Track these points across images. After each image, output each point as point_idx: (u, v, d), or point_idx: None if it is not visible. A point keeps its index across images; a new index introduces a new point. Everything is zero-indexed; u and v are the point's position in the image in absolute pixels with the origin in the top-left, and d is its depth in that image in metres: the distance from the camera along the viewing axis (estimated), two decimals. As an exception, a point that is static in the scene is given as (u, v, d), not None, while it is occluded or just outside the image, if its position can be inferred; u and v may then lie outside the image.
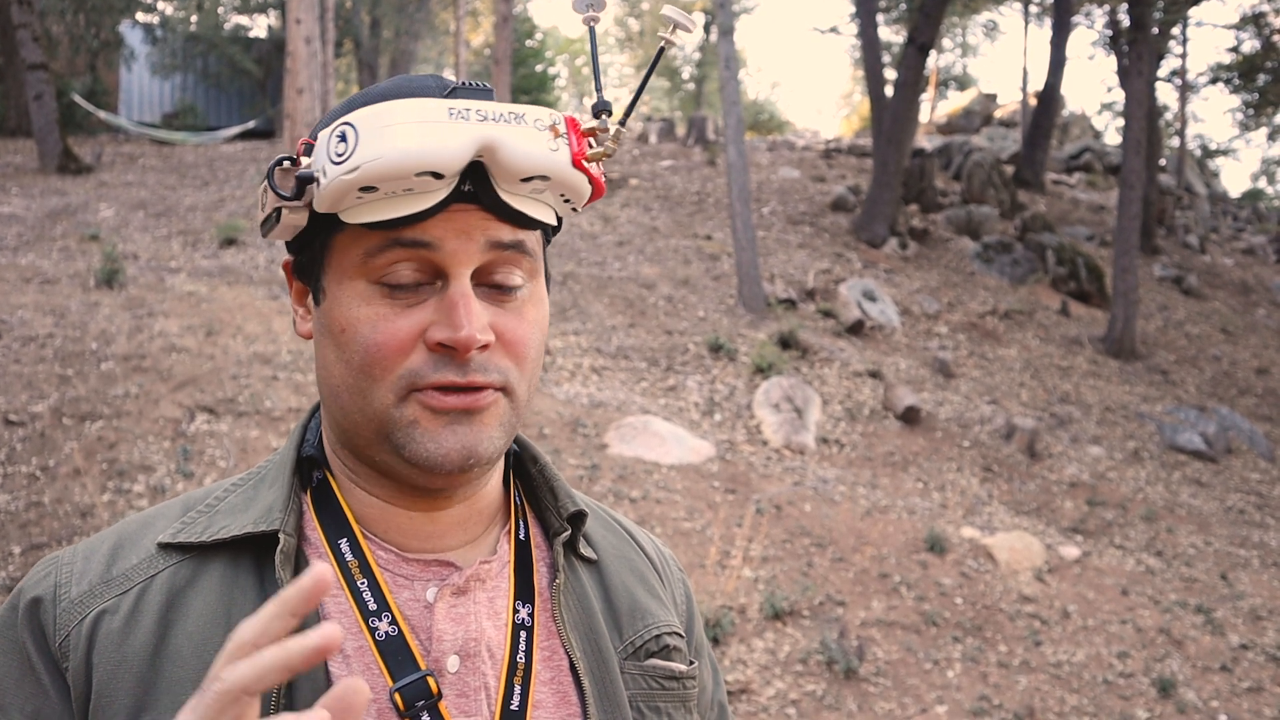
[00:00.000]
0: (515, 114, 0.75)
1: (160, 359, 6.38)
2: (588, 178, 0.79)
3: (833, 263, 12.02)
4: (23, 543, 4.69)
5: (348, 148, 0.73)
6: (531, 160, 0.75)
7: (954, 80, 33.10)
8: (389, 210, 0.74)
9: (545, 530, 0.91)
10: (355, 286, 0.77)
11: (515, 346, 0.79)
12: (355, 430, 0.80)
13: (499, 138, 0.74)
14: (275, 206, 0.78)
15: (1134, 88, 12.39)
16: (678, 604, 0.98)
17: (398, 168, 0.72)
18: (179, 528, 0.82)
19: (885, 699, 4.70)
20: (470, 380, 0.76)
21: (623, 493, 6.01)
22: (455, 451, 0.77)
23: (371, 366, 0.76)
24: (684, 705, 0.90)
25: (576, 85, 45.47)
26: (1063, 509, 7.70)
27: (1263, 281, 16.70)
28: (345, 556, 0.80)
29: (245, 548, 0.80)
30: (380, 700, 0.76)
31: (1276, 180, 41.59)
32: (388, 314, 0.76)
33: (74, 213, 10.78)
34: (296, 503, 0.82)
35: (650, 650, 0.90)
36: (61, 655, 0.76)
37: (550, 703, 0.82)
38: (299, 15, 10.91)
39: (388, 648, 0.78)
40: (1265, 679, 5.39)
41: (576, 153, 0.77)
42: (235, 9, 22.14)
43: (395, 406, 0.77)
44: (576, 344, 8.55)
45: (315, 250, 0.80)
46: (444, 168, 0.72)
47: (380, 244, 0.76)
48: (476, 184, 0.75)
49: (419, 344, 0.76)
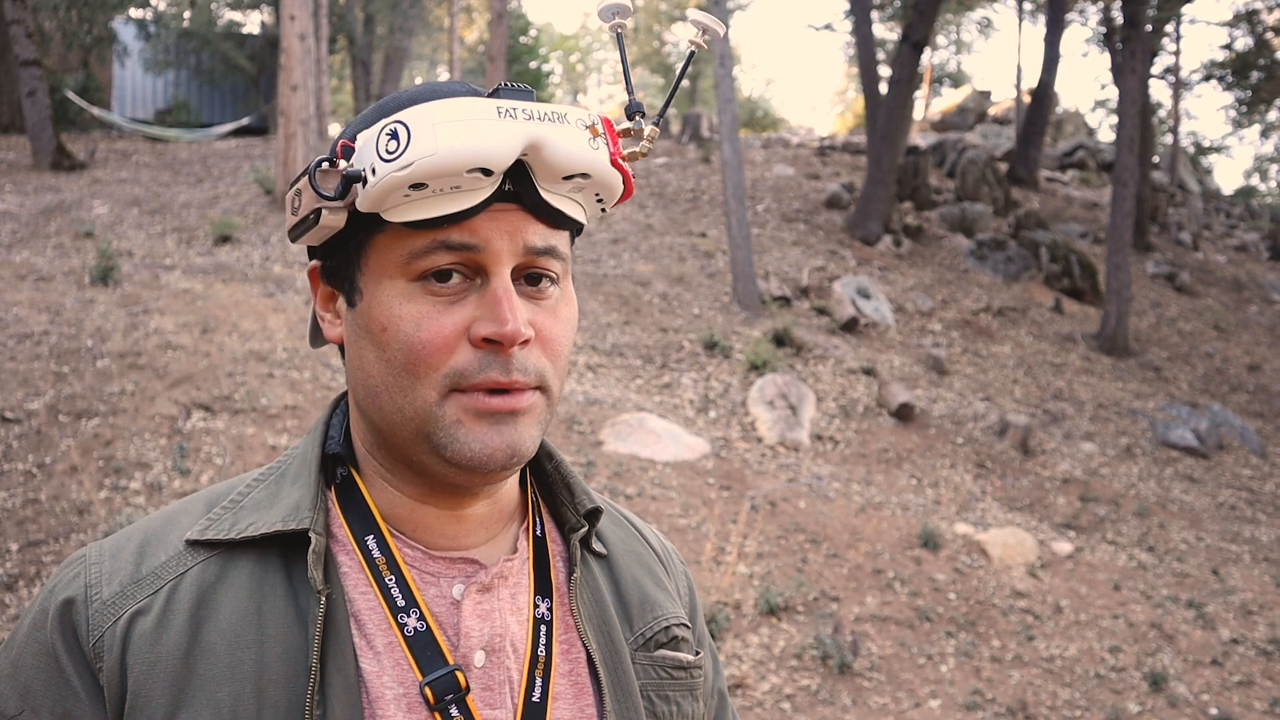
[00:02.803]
0: (559, 114, 0.77)
1: (156, 356, 6.38)
2: (622, 176, 0.82)
3: (827, 260, 12.05)
4: (20, 540, 4.69)
5: (399, 145, 0.74)
6: (575, 158, 0.77)
7: (948, 77, 33.13)
8: (434, 208, 0.75)
9: (559, 525, 0.93)
10: (396, 285, 0.78)
11: (551, 344, 0.81)
12: (393, 431, 0.81)
13: (546, 135, 0.76)
14: (315, 207, 0.78)
15: (1127, 85, 12.43)
16: (682, 596, 1.00)
17: (452, 164, 0.73)
18: (205, 524, 0.83)
19: (879, 693, 4.73)
20: (513, 380, 0.77)
21: (618, 490, 6.03)
22: (500, 450, 0.78)
23: (416, 364, 0.77)
24: (691, 694, 0.92)
25: (571, 82, 45.39)
26: (1055, 505, 7.74)
27: (1255, 278, 16.77)
28: (373, 553, 0.82)
29: (272, 544, 0.81)
30: (410, 694, 0.78)
31: (1269, 177, 41.75)
32: (430, 312, 0.77)
33: (68, 210, 10.76)
34: (323, 500, 0.83)
35: (659, 641, 0.92)
36: (95, 656, 0.77)
37: (569, 694, 0.84)
38: (293, 11, 10.89)
39: (417, 643, 0.79)
40: (1256, 673, 5.43)
41: (614, 152, 0.80)
42: (229, 5, 22.08)
43: (438, 405, 0.78)
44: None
45: (350, 252, 0.81)
46: (495, 164, 0.74)
47: (426, 246, 0.77)
48: (517, 183, 0.77)
49: (463, 341, 0.77)
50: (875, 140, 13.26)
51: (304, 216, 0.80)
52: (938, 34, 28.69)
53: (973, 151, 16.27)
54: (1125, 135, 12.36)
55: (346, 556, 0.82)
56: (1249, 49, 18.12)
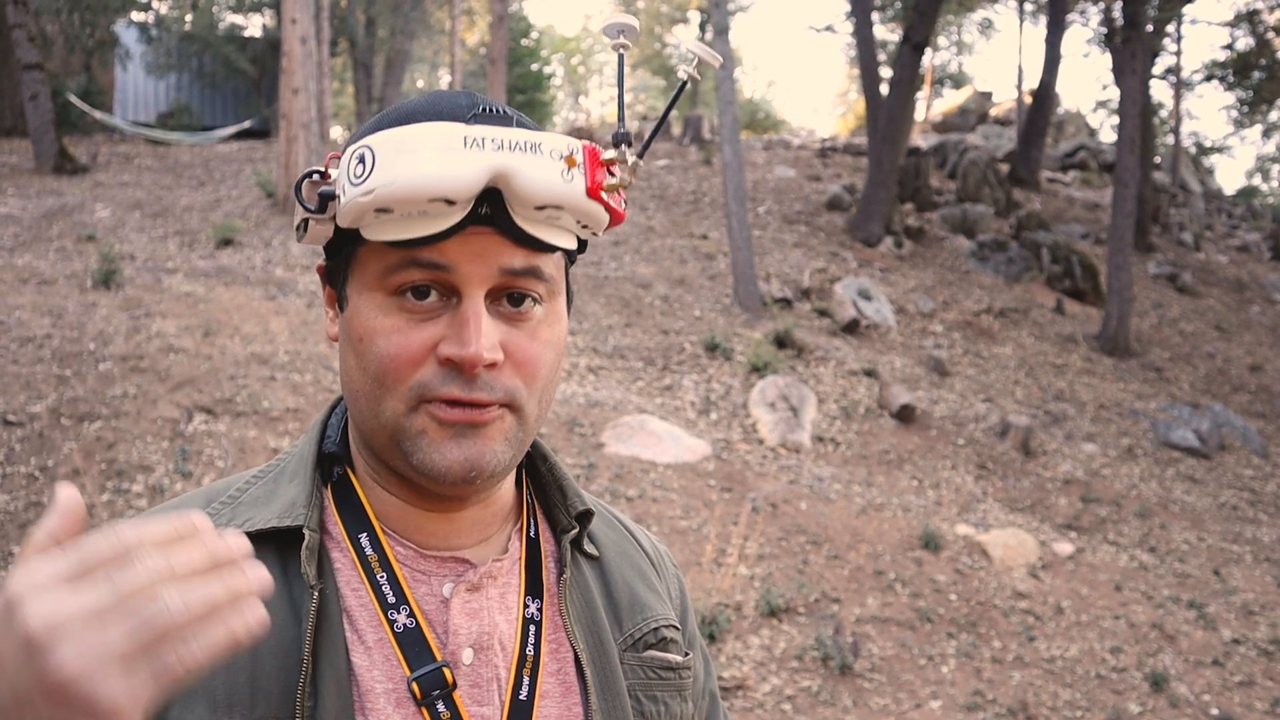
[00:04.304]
0: (532, 144, 0.76)
1: (158, 359, 6.40)
2: (604, 207, 0.80)
3: (828, 262, 12.06)
4: (22, 542, 4.70)
5: (365, 170, 0.75)
6: (544, 190, 0.76)
7: (949, 79, 33.13)
8: (406, 230, 0.76)
9: (553, 526, 0.94)
10: (374, 298, 0.80)
11: (525, 366, 0.81)
12: (372, 434, 0.83)
13: (513, 167, 0.75)
14: (303, 218, 0.82)
15: (1128, 85, 12.43)
16: (673, 598, 1.02)
17: (410, 194, 0.74)
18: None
19: (880, 694, 4.73)
20: (474, 397, 0.78)
21: (619, 491, 6.04)
22: (458, 464, 0.79)
23: (384, 376, 0.79)
24: (680, 694, 0.94)
25: (572, 84, 45.42)
26: (1057, 506, 7.74)
27: (1257, 279, 16.76)
28: (365, 550, 0.84)
29: (268, 540, 0.82)
30: (399, 688, 0.79)
31: (1271, 177, 41.70)
32: (402, 327, 0.79)
33: (70, 213, 10.79)
34: (319, 498, 0.85)
35: (648, 642, 0.93)
36: None
37: (556, 693, 0.85)
38: (294, 15, 10.92)
39: (406, 639, 0.81)
40: (1257, 673, 5.43)
41: (593, 185, 0.78)
42: (230, 8, 22.12)
43: (405, 416, 0.79)
44: (573, 344, 8.57)
45: (341, 260, 0.84)
46: (455, 195, 0.74)
47: (399, 262, 0.78)
48: (493, 208, 0.77)
49: (430, 357, 0.79)
50: (876, 142, 13.26)
51: (297, 223, 0.83)
52: (939, 35, 28.70)
53: (974, 153, 16.28)
54: (1126, 136, 12.36)
55: (340, 553, 0.84)
56: (1250, 49, 18.11)
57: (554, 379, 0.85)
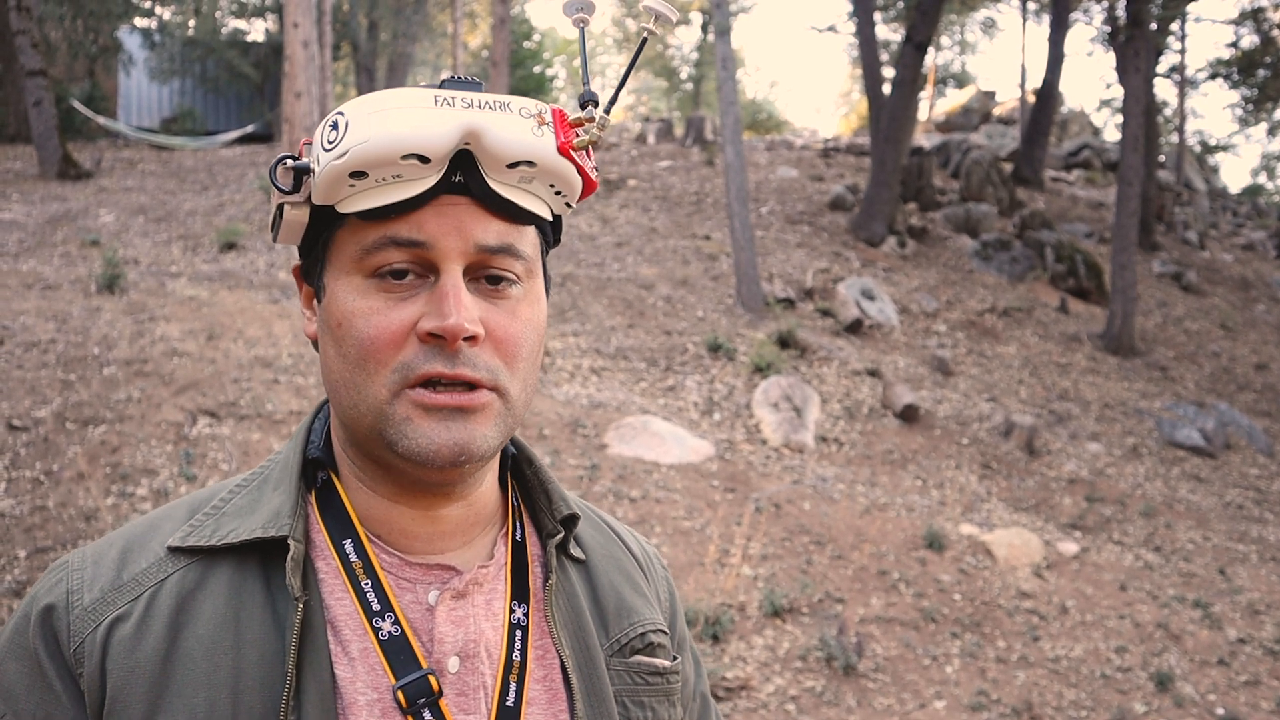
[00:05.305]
0: (501, 102, 0.77)
1: (162, 363, 6.41)
2: (576, 168, 0.80)
3: (831, 262, 12.05)
4: (27, 546, 4.72)
5: (338, 134, 0.76)
6: (515, 145, 0.77)
7: (952, 78, 33.10)
8: (379, 198, 0.77)
9: (539, 531, 0.93)
10: (352, 281, 0.80)
11: (505, 344, 0.81)
12: (355, 425, 0.82)
13: (484, 123, 0.76)
14: (278, 203, 0.81)
15: (1132, 84, 12.41)
16: (661, 601, 1.01)
17: (384, 150, 0.74)
18: (187, 531, 0.84)
19: (884, 695, 4.73)
20: (458, 373, 0.77)
21: (623, 493, 6.04)
22: (447, 446, 0.78)
23: (366, 359, 0.78)
24: (667, 699, 0.93)
25: (575, 87, 45.45)
26: (1061, 505, 7.73)
27: (1262, 277, 16.71)
28: (350, 557, 0.83)
29: (252, 550, 0.82)
30: (384, 699, 0.79)
31: (1276, 175, 41.56)
32: (381, 307, 0.78)
33: (74, 218, 10.82)
34: (303, 506, 0.84)
35: (635, 647, 0.92)
36: (76, 662, 0.78)
37: (543, 699, 0.85)
38: (296, 19, 10.95)
39: (391, 647, 0.80)
40: (1262, 672, 5.41)
41: (563, 142, 0.79)
42: (233, 13, 22.19)
43: (388, 403, 0.78)
44: (576, 345, 8.58)
45: (318, 250, 0.83)
46: (430, 150, 0.75)
47: (376, 241, 0.78)
48: (466, 174, 0.78)
49: (411, 336, 0.78)
50: (879, 141, 13.25)
51: (274, 215, 0.83)
52: (941, 35, 28.68)
53: (977, 152, 16.25)
54: (1130, 134, 12.33)
55: (324, 561, 0.83)
56: (1255, 47, 18.05)
57: (535, 361, 0.84)
